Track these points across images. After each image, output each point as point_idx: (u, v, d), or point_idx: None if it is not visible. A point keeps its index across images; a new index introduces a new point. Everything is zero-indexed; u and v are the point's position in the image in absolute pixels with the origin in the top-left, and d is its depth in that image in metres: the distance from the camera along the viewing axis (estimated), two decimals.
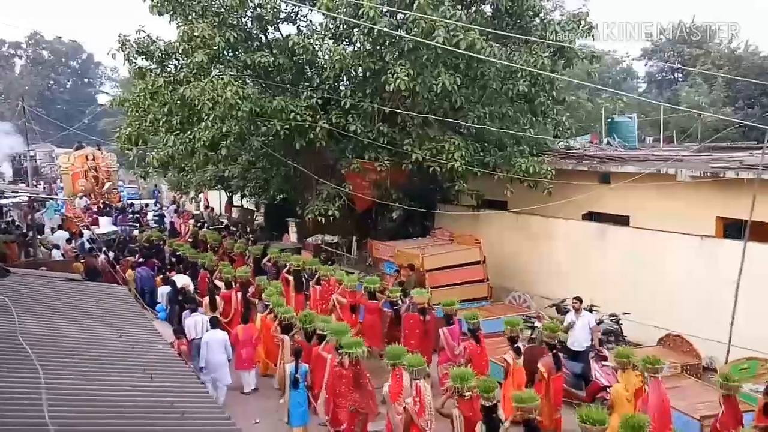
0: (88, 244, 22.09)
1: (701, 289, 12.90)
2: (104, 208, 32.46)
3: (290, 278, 15.10)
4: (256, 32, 17.67)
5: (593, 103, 27.84)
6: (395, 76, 14.76)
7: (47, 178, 48.16)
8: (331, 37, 17.46)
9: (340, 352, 9.54)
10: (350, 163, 17.47)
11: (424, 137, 16.62)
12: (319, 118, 16.65)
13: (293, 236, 22.00)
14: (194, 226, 25.66)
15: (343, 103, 16.68)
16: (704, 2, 52.38)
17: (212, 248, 19.46)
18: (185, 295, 14.41)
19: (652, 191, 14.12)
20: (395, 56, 15.47)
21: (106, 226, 27.28)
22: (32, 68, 73.38)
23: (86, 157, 35.55)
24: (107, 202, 34.20)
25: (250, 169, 21.71)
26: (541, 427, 8.23)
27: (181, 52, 16.86)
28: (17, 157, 43.56)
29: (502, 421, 7.68)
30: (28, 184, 37.26)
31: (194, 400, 6.80)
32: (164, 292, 15.37)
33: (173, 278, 15.61)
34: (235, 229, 25.29)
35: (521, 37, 16.12)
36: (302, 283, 15.11)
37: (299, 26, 18.50)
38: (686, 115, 26.22)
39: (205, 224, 26.77)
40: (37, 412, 5.01)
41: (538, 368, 9.95)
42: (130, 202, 36.60)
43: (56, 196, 35.42)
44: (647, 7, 53.54)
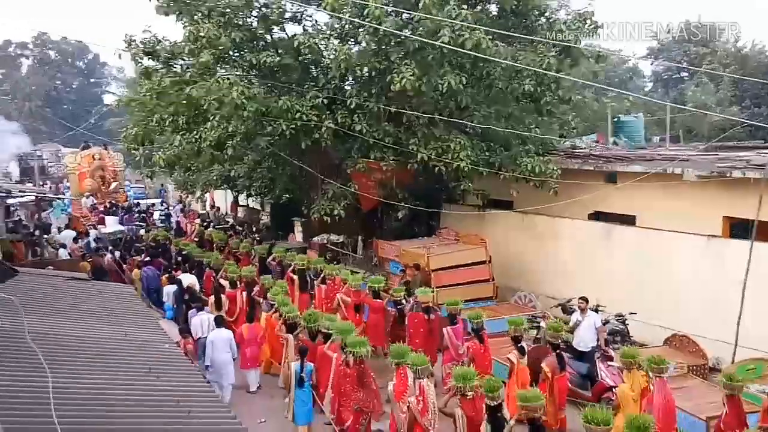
0: (94, 243, 22.20)
1: (708, 289, 12.86)
2: (111, 207, 32.52)
3: (295, 277, 15.13)
4: (261, 32, 17.67)
5: (599, 102, 27.69)
6: (401, 75, 14.76)
7: (54, 177, 48.29)
8: (336, 36, 17.47)
9: (345, 351, 9.56)
10: (356, 162, 17.50)
11: (429, 137, 16.62)
12: (324, 117, 16.67)
13: (299, 236, 22.03)
14: (200, 225, 25.73)
15: (348, 102, 16.69)
16: (705, 2, 52.20)
17: (218, 248, 19.52)
18: (192, 294, 14.46)
19: (658, 191, 14.07)
20: (401, 56, 15.48)
21: (112, 225, 27.34)
22: (39, 68, 73.57)
23: (93, 156, 35.62)
24: (114, 201, 34.25)
25: (255, 168, 21.77)
26: (545, 426, 8.23)
27: (187, 52, 16.96)
28: (24, 156, 43.76)
29: (506, 420, 7.68)
30: (35, 183, 37.46)
31: (200, 399, 6.84)
32: (170, 291, 15.41)
33: (179, 277, 15.66)
34: (240, 228, 25.36)
35: (526, 37, 16.10)
36: (307, 282, 15.15)
37: (305, 26, 18.53)
38: (693, 114, 26.10)
39: (211, 224, 26.86)
40: (44, 410, 5.05)
41: (541, 368, 9.95)
42: (136, 201, 36.67)
43: (63, 195, 35.53)
44: (650, 6, 53.48)
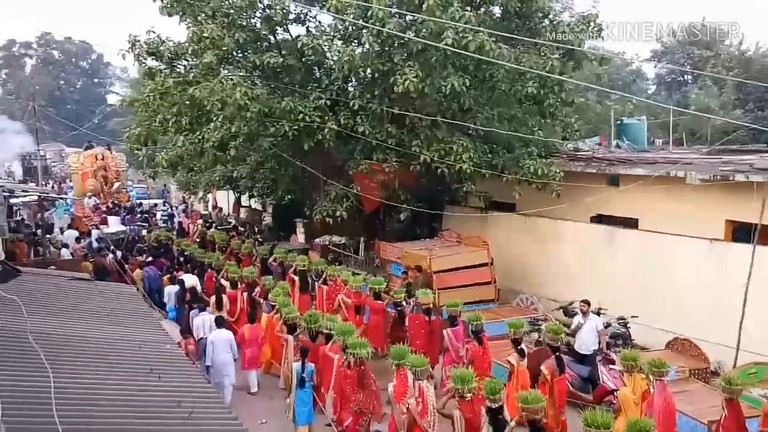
0: (96, 243, 22.23)
1: (710, 292, 12.84)
2: (113, 207, 32.58)
3: (296, 278, 15.14)
4: (265, 33, 17.70)
5: (602, 104, 27.75)
6: (404, 77, 14.75)
7: (57, 177, 48.41)
8: (340, 38, 17.49)
9: (346, 352, 9.56)
10: (358, 164, 17.49)
11: (432, 139, 16.61)
12: (327, 119, 16.67)
13: (301, 237, 22.04)
14: (202, 226, 25.75)
15: (351, 104, 16.70)
16: (705, 3, 52.20)
17: (220, 248, 19.53)
18: (194, 294, 14.47)
19: (661, 194, 14.05)
20: (404, 57, 15.47)
21: (114, 225, 27.39)
22: (42, 68, 73.83)
23: (96, 156, 35.71)
24: (116, 201, 34.32)
25: (258, 169, 21.79)
26: (546, 428, 8.22)
27: (190, 52, 16.99)
28: (27, 156, 43.85)
29: (507, 421, 7.67)
30: (38, 183, 37.53)
31: (201, 399, 6.84)
32: (171, 291, 15.42)
33: (182, 278, 15.67)
34: (243, 229, 25.37)
35: (530, 40, 16.09)
36: (308, 283, 15.15)
37: (308, 27, 18.55)
38: (696, 117, 26.05)
39: (213, 224, 26.86)
40: (46, 410, 5.05)
41: (541, 371, 9.94)
42: (139, 201, 36.74)
43: (66, 195, 35.59)
44: (651, 8, 53.48)
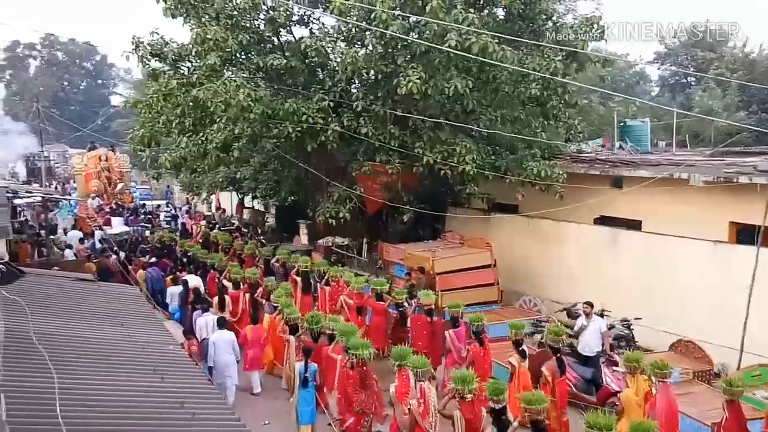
0: (99, 244, 22.26)
1: (714, 294, 12.81)
2: (116, 208, 32.63)
3: (298, 279, 15.14)
4: (268, 35, 17.71)
5: (606, 106, 27.68)
6: (407, 79, 14.76)
7: (60, 178, 48.52)
8: (343, 40, 17.49)
9: (348, 353, 9.56)
10: (361, 165, 17.49)
11: (435, 140, 16.61)
12: (330, 120, 16.68)
13: (304, 238, 22.04)
14: (206, 227, 25.77)
15: (354, 105, 16.70)
16: (706, 4, 52.18)
17: (223, 249, 19.55)
18: (198, 295, 14.49)
19: (664, 196, 14.03)
20: (407, 59, 15.47)
21: (118, 226, 27.41)
22: (46, 69, 74.06)
23: (99, 157, 35.74)
24: (120, 202, 34.36)
25: (261, 170, 21.79)
26: (548, 430, 8.21)
27: (194, 54, 17.02)
28: (31, 157, 43.99)
29: (510, 422, 7.67)
30: (41, 184, 37.64)
31: (205, 400, 6.85)
32: (174, 292, 15.44)
33: (185, 278, 15.68)
34: (246, 230, 25.38)
35: (533, 42, 16.08)
36: (310, 284, 15.15)
37: (312, 29, 18.54)
38: (699, 119, 26.01)
39: (216, 225, 26.89)
40: (49, 411, 5.06)
41: (542, 372, 9.94)
42: (142, 202, 36.76)
43: (69, 196, 35.66)
44: (652, 10, 53.47)
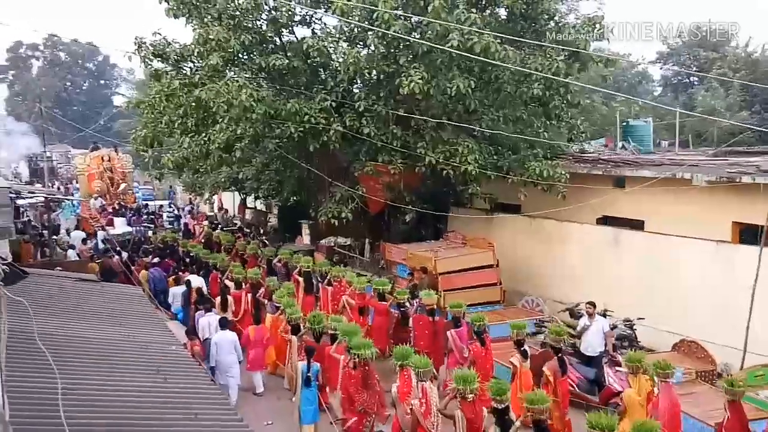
0: (102, 244, 22.30)
1: (717, 294, 12.79)
2: (119, 208, 32.69)
3: (300, 279, 15.16)
4: (270, 35, 17.70)
5: (608, 106, 27.66)
6: (409, 79, 14.76)
7: (63, 178, 48.59)
8: (345, 40, 17.50)
9: (350, 352, 9.58)
10: (363, 165, 17.49)
11: (437, 140, 16.61)
12: (332, 120, 16.68)
13: (306, 238, 22.04)
14: (208, 227, 25.80)
15: (356, 105, 16.69)
16: (707, 4, 52.15)
17: (226, 249, 19.57)
18: (201, 295, 14.51)
19: (667, 196, 14.01)
20: (409, 59, 15.47)
21: (120, 226, 27.47)
22: (49, 70, 74.15)
23: (102, 158, 35.81)
24: (122, 203, 34.41)
25: (263, 171, 21.80)
26: (551, 430, 8.21)
27: (196, 54, 17.02)
28: (34, 157, 44.05)
29: (513, 421, 7.68)
30: (44, 184, 37.69)
31: (207, 401, 6.86)
32: (177, 292, 15.45)
33: (189, 279, 15.69)
34: (248, 230, 25.41)
35: (535, 42, 16.07)
36: (312, 284, 15.16)
37: (314, 29, 18.51)
38: (702, 119, 25.98)
39: (218, 225, 26.93)
40: (52, 411, 5.07)
41: (543, 371, 9.94)
42: (145, 203, 36.83)
43: (72, 196, 35.72)
44: (654, 10, 53.57)
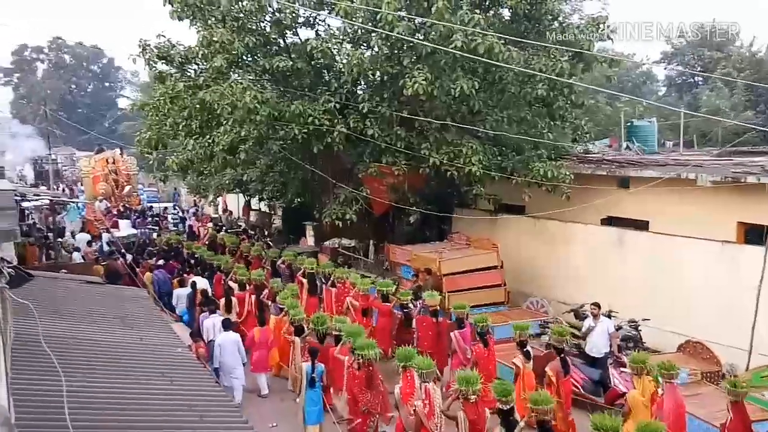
0: (106, 246, 22.36)
1: (722, 295, 12.75)
2: (124, 211, 32.77)
3: (304, 281, 15.16)
4: (274, 37, 17.76)
5: (612, 106, 27.59)
6: (413, 80, 14.77)
7: (68, 181, 48.74)
8: (349, 41, 17.52)
9: (354, 353, 9.58)
10: (368, 167, 17.50)
11: (441, 141, 16.60)
12: (336, 122, 16.70)
13: (310, 240, 22.06)
14: (213, 229, 25.84)
15: (360, 107, 16.72)
16: (708, 4, 51.95)
17: (230, 251, 19.60)
18: (206, 297, 14.52)
19: (672, 196, 13.98)
20: (413, 60, 15.48)
21: (125, 229, 27.53)
22: (54, 72, 74.38)
23: (107, 160, 35.94)
24: (127, 205, 34.50)
25: (268, 172, 21.85)
26: (555, 430, 8.19)
27: (200, 56, 17.07)
28: (39, 160, 44.19)
29: (518, 421, 7.67)
30: (49, 187, 37.79)
31: (213, 403, 6.87)
32: (181, 294, 15.46)
33: (195, 280, 15.70)
34: (253, 232, 25.45)
35: (539, 43, 16.05)
36: (316, 286, 15.17)
37: (317, 31, 18.56)
38: (707, 119, 25.90)
39: (223, 227, 26.97)
40: (58, 413, 5.08)
41: (545, 372, 9.92)
42: (149, 205, 36.91)
43: (77, 199, 35.81)
44: (655, 10, 53.31)
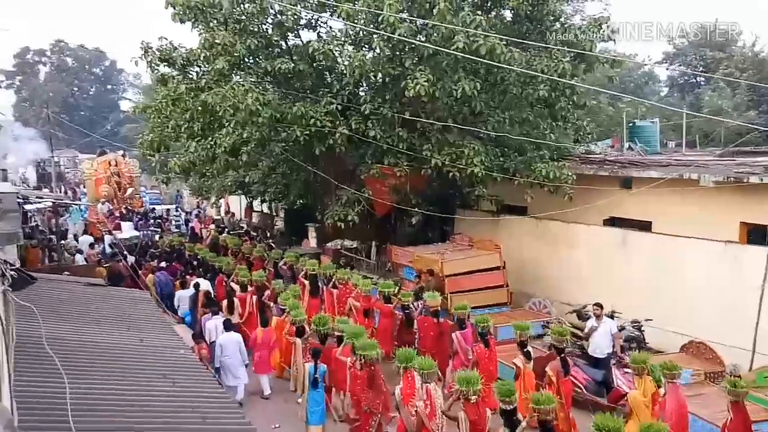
0: (109, 249, 22.38)
1: (725, 295, 12.73)
2: (127, 213, 32.81)
3: (306, 282, 15.17)
4: (276, 39, 17.77)
5: (614, 107, 27.59)
6: (415, 81, 14.78)
7: (71, 183, 48.81)
8: (350, 43, 17.54)
9: (356, 354, 9.59)
10: (370, 168, 17.51)
11: (443, 142, 16.61)
12: (338, 123, 16.71)
13: (313, 241, 22.07)
14: (215, 230, 25.86)
15: (362, 108, 16.72)
16: (708, 4, 51.89)
17: (232, 253, 19.61)
18: (208, 298, 14.53)
19: (674, 196, 13.96)
20: (415, 62, 15.50)
21: (128, 231, 27.56)
22: (56, 75, 74.48)
23: (109, 162, 35.98)
24: (130, 207, 34.53)
25: (270, 174, 21.85)
26: (557, 430, 8.18)
27: (202, 59, 17.11)
28: (41, 162, 44.22)
29: (521, 421, 7.67)
30: (52, 189, 37.82)
31: (215, 404, 6.86)
32: (183, 296, 15.47)
33: (198, 282, 15.72)
34: (255, 234, 25.45)
35: (540, 44, 16.04)
36: (318, 287, 15.18)
37: (319, 33, 18.57)
38: (709, 119, 25.87)
39: (225, 229, 26.98)
40: (61, 416, 5.09)
41: (545, 372, 9.92)
42: (152, 207, 36.96)
43: (79, 201, 35.85)
44: (658, 9, 53.35)
